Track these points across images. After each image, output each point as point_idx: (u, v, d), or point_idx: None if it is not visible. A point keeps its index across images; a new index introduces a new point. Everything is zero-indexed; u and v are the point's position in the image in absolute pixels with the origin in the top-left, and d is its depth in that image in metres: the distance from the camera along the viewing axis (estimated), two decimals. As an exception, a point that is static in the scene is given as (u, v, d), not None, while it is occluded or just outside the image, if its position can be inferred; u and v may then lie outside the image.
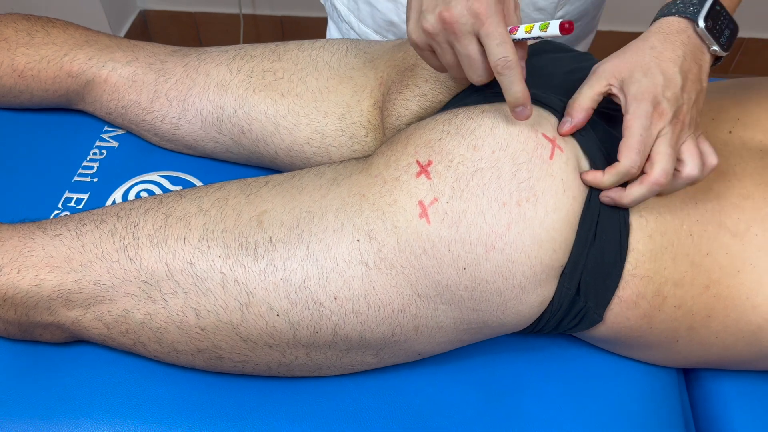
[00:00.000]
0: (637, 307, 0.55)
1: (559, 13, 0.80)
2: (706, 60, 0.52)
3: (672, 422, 0.62)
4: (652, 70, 0.50)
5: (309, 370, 0.59)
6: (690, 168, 0.50)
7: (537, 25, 0.47)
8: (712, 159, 0.52)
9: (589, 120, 0.54)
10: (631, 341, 0.59)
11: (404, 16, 0.81)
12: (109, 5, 1.69)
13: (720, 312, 0.55)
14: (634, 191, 0.51)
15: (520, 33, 0.48)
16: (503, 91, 0.50)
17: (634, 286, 0.54)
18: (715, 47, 0.52)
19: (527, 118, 0.51)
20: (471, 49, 0.49)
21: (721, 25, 0.52)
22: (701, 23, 0.51)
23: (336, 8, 0.90)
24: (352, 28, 0.88)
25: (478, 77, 0.51)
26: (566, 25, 0.45)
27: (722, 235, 0.54)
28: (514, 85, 0.49)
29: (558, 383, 0.62)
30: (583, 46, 0.94)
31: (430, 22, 0.50)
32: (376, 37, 0.87)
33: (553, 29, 0.46)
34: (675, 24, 0.52)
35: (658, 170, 0.49)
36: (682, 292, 0.54)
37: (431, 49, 0.53)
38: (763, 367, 0.62)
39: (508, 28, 0.48)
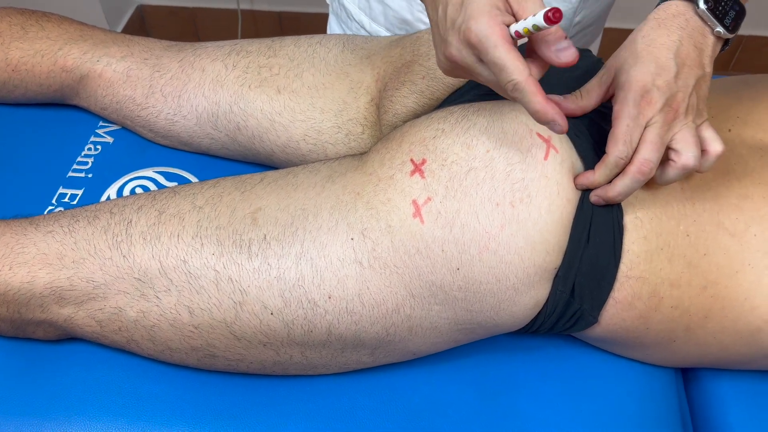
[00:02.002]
0: (633, 308, 0.54)
1: (577, 18, 0.79)
2: (709, 43, 0.50)
3: (670, 422, 0.62)
4: (643, 58, 0.49)
5: (304, 369, 0.58)
6: (685, 158, 0.49)
7: (530, 26, 0.44)
8: (715, 146, 0.50)
9: (581, 113, 0.53)
10: (628, 341, 0.59)
11: (417, 14, 0.80)
12: (107, 0, 1.68)
13: (718, 313, 0.54)
14: (619, 183, 0.50)
15: (524, 34, 0.44)
16: (527, 110, 0.46)
17: (629, 287, 0.53)
18: (719, 29, 0.50)
19: (563, 132, 0.47)
20: (487, 74, 0.47)
21: (724, 5, 0.50)
22: (701, 4, 0.49)
23: (345, 8, 0.89)
24: (363, 27, 0.88)
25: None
26: (550, 14, 0.42)
27: (720, 235, 0.53)
28: (531, 104, 0.45)
29: (555, 383, 0.62)
30: (592, 49, 0.94)
31: (441, 60, 0.49)
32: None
33: (541, 23, 0.43)
34: (673, 8, 0.50)
35: (639, 159, 0.48)
36: (678, 293, 0.54)
37: (464, 77, 0.51)
38: (761, 367, 0.61)
39: (513, 30, 0.44)
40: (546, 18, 0.42)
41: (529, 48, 0.47)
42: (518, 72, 0.44)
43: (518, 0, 0.44)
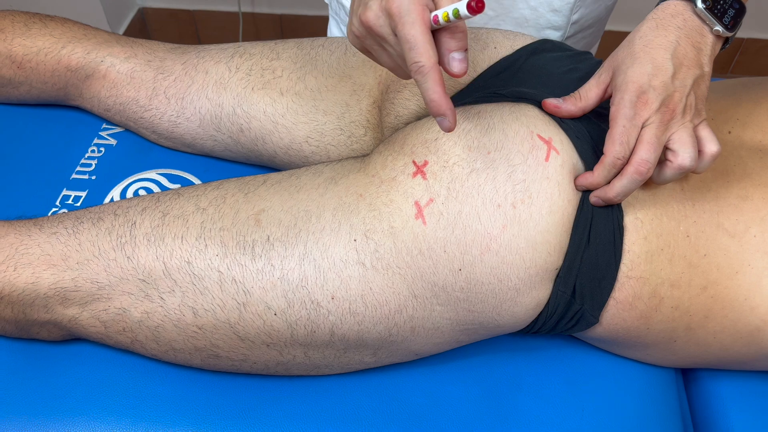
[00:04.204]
0: (634, 308, 0.55)
1: (575, 17, 0.79)
2: (708, 42, 0.51)
3: (670, 422, 0.62)
4: (640, 59, 0.49)
5: (307, 369, 0.58)
6: (681, 158, 0.49)
7: (450, 11, 0.43)
8: (711, 147, 0.51)
9: (581, 114, 0.54)
10: (629, 341, 0.59)
11: None
12: (108, 3, 1.68)
13: (718, 313, 0.54)
14: (617, 184, 0.50)
15: (442, 22, 0.44)
16: (422, 97, 0.45)
17: (630, 287, 0.54)
18: (718, 27, 0.50)
19: (449, 130, 0.46)
20: (395, 50, 0.46)
21: (723, 4, 0.50)
22: (699, 4, 0.50)
23: (344, 6, 0.89)
24: None
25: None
26: (473, 4, 0.41)
27: (720, 236, 0.54)
28: (429, 92, 0.44)
29: (556, 382, 0.62)
30: (592, 52, 0.94)
31: (355, 25, 0.48)
32: None
33: (463, 11, 0.42)
34: (671, 7, 0.51)
35: (636, 160, 0.49)
36: (679, 293, 0.54)
37: (369, 51, 0.50)
38: (761, 368, 0.61)
39: (432, 14, 0.44)
40: (469, 6, 0.42)
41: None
42: (427, 56, 0.43)
43: None
